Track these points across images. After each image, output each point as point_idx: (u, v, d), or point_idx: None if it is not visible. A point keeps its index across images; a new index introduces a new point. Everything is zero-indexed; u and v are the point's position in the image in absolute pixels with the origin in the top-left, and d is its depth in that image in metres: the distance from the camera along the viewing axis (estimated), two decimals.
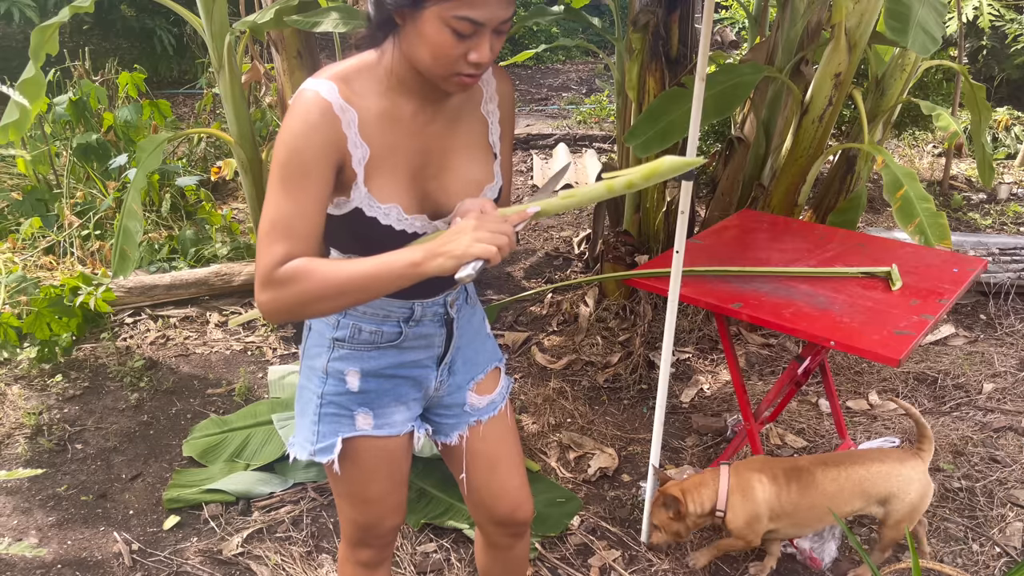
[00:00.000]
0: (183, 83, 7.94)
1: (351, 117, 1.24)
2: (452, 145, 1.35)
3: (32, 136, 5.05)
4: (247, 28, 3.04)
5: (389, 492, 1.51)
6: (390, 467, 1.49)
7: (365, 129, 1.25)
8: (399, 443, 1.48)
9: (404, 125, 1.30)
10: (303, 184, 1.21)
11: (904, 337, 1.92)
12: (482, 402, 1.57)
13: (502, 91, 1.43)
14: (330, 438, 1.44)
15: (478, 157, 1.38)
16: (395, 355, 1.43)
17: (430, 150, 1.33)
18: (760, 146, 3.61)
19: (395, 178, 1.29)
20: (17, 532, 2.47)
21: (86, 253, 4.19)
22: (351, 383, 1.42)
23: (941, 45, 2.92)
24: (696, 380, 3.28)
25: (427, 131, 1.32)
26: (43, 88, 3.04)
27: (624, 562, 2.33)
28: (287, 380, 3.18)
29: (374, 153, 1.26)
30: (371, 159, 1.26)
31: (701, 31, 1.92)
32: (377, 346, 1.42)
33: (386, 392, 1.45)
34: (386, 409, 1.45)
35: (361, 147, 1.25)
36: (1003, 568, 2.29)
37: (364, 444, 1.45)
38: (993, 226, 4.91)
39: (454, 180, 1.35)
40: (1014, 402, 3.09)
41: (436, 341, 1.47)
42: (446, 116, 1.35)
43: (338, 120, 1.22)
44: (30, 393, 3.18)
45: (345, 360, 1.42)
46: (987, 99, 3.62)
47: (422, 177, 1.32)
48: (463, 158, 1.36)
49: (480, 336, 1.58)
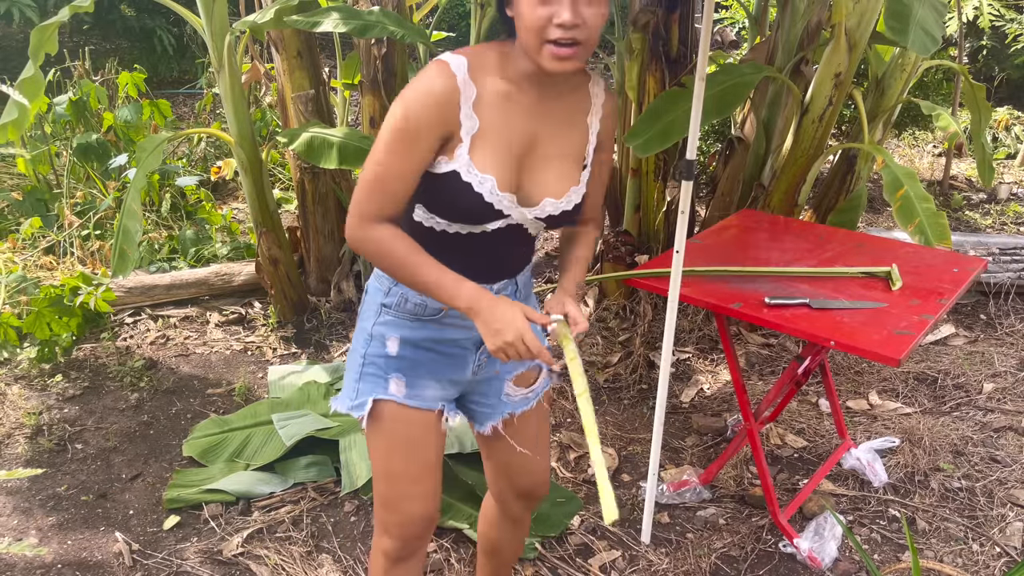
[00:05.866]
0: (183, 83, 7.93)
1: (470, 92, 1.34)
2: (556, 142, 1.44)
3: (32, 136, 5.04)
4: (247, 28, 3.04)
5: (412, 472, 1.54)
6: (413, 442, 1.53)
7: (480, 105, 1.35)
8: (426, 419, 1.53)
9: (521, 109, 1.39)
10: (411, 148, 1.33)
11: (904, 337, 1.92)
12: (518, 393, 1.62)
13: (608, 110, 1.50)
14: (364, 396, 1.53)
15: (572, 161, 1.46)
16: (435, 330, 1.51)
17: (538, 139, 1.41)
18: (760, 146, 3.61)
19: (497, 153, 1.37)
20: (17, 532, 2.47)
21: (86, 253, 4.19)
22: (391, 347, 1.51)
23: (941, 45, 2.92)
24: (696, 380, 3.28)
25: (542, 121, 1.41)
26: (42, 87, 3.03)
27: (624, 562, 2.33)
28: (287, 380, 3.18)
29: (483, 127, 1.36)
30: (479, 132, 1.36)
31: (701, 31, 1.92)
32: (419, 317, 1.50)
33: (421, 364, 1.52)
34: (419, 380, 1.52)
35: (472, 119, 1.35)
36: (1003, 568, 2.29)
37: (392, 411, 1.52)
38: (993, 226, 4.91)
39: (548, 175, 1.43)
40: (1014, 402, 3.09)
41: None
42: (560, 115, 1.44)
43: (457, 93, 1.32)
44: (30, 393, 3.18)
45: (388, 326, 1.51)
46: (987, 99, 3.62)
47: (524, 162, 1.41)
48: (560, 158, 1.44)
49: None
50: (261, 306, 3.85)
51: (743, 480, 2.67)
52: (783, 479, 2.69)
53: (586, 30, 1.27)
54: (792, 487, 2.65)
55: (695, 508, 2.55)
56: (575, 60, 1.30)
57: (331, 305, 3.79)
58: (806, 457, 2.80)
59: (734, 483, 2.66)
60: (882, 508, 2.55)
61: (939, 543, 2.40)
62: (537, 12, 1.26)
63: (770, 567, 2.32)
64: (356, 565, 2.32)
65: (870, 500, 2.58)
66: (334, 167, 3.01)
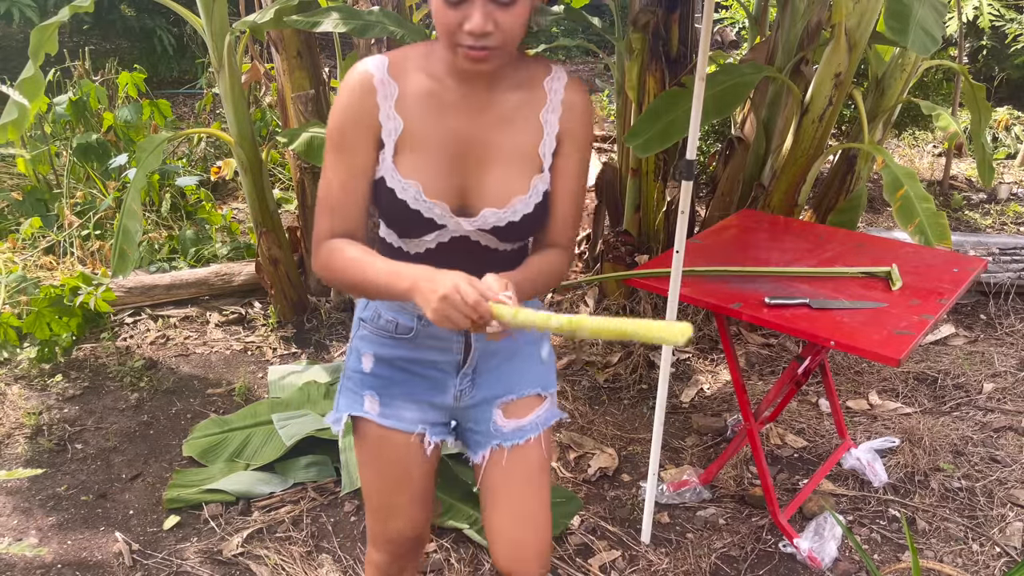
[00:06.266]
0: (183, 83, 7.92)
1: (390, 91, 1.27)
2: (498, 143, 1.31)
3: (32, 136, 5.04)
4: (247, 28, 3.04)
5: (391, 487, 1.50)
6: (392, 461, 1.48)
7: (403, 104, 1.27)
8: (404, 440, 1.46)
9: (449, 107, 1.29)
10: (342, 157, 1.28)
11: (904, 337, 1.92)
12: (508, 426, 1.48)
13: (570, 103, 1.33)
14: (341, 411, 1.49)
15: (518, 165, 1.31)
16: (409, 349, 1.43)
17: (473, 140, 1.30)
18: (760, 146, 3.61)
19: (424, 157, 1.28)
20: (17, 532, 2.47)
21: (86, 253, 4.19)
22: (365, 364, 1.46)
23: (941, 45, 2.91)
24: (696, 380, 3.28)
25: (476, 120, 1.30)
26: (42, 87, 3.03)
27: (624, 562, 2.33)
28: (287, 380, 3.18)
29: (408, 128, 1.28)
30: (404, 134, 1.28)
31: (701, 31, 1.92)
32: (392, 335, 1.43)
33: (397, 383, 1.45)
34: (394, 401, 1.45)
35: (394, 120, 1.27)
36: (1003, 568, 2.29)
37: (369, 429, 1.47)
38: (993, 226, 4.91)
39: (489, 181, 1.30)
40: (1014, 402, 3.09)
41: (453, 347, 1.43)
42: (499, 112, 1.31)
43: (374, 92, 1.26)
44: (30, 393, 3.18)
45: (364, 341, 1.46)
46: (987, 99, 3.62)
47: (461, 167, 1.30)
48: (503, 161, 1.31)
49: (523, 357, 1.51)
50: (261, 306, 3.85)
51: (743, 480, 2.67)
52: (783, 479, 2.69)
53: (500, 35, 1.17)
54: (792, 487, 2.65)
55: (695, 508, 2.55)
56: (491, 61, 1.20)
57: (331, 305, 3.79)
58: (806, 457, 2.80)
59: (734, 483, 2.66)
60: (882, 508, 2.55)
61: (939, 543, 2.40)
62: (447, 16, 1.16)
63: (770, 567, 2.32)
64: (356, 565, 2.32)
65: (870, 500, 2.58)
66: None
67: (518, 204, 1.31)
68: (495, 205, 1.30)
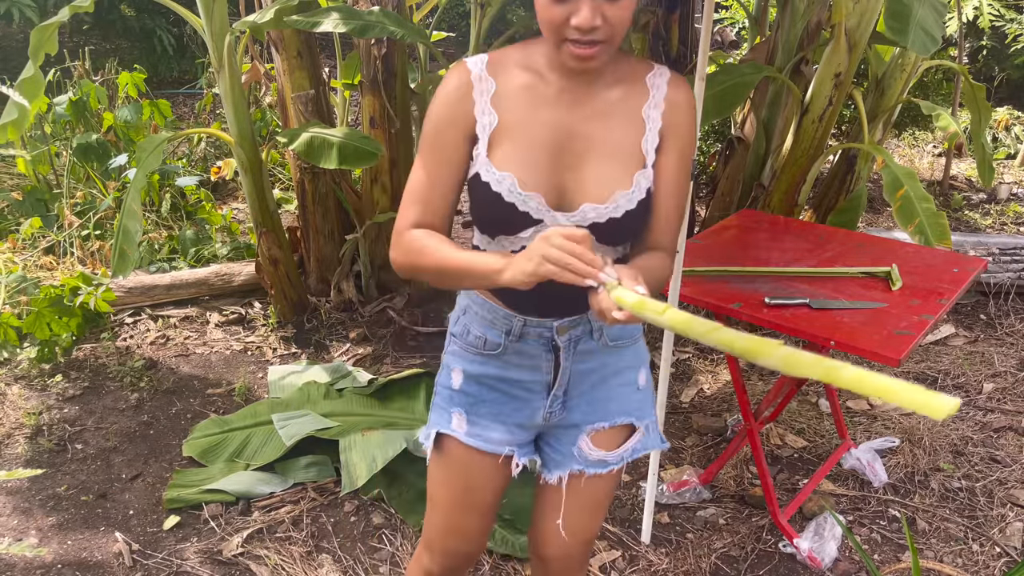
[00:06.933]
0: (183, 83, 7.92)
1: (487, 87, 1.27)
2: (598, 137, 1.27)
3: (32, 136, 5.04)
4: (247, 28, 3.04)
5: (462, 509, 1.47)
6: (470, 484, 1.45)
7: (499, 99, 1.27)
8: (488, 463, 1.43)
9: (546, 100, 1.27)
10: (434, 154, 1.29)
11: (904, 337, 1.92)
12: (594, 455, 1.44)
13: (673, 100, 1.30)
14: (432, 427, 1.46)
15: (620, 159, 1.28)
16: (498, 367, 1.40)
17: (573, 133, 1.27)
18: (760, 146, 3.61)
19: (520, 149, 1.26)
20: (17, 532, 2.47)
21: (86, 253, 4.19)
22: (455, 380, 1.44)
23: (941, 45, 2.92)
24: (696, 380, 3.28)
25: (573, 112, 1.27)
26: (42, 87, 3.03)
27: (624, 562, 2.33)
28: (287, 380, 3.18)
29: (503, 122, 1.27)
30: (498, 128, 1.27)
31: (701, 31, 1.92)
32: (481, 352, 1.40)
33: (485, 402, 1.42)
34: (482, 420, 1.42)
35: (489, 115, 1.27)
36: (1003, 568, 2.29)
37: (452, 445, 1.44)
38: (993, 226, 4.91)
39: (588, 175, 1.27)
40: (1014, 402, 3.09)
41: (543, 366, 1.40)
42: (599, 106, 1.28)
43: (471, 88, 1.27)
44: (30, 393, 3.18)
45: (454, 356, 1.45)
46: (987, 99, 3.62)
47: (558, 160, 1.27)
48: (604, 155, 1.27)
49: (619, 383, 1.45)
50: (261, 306, 3.85)
51: (743, 480, 2.67)
52: (783, 479, 2.69)
53: (608, 29, 1.15)
54: (792, 487, 2.65)
55: (695, 508, 2.55)
56: (599, 58, 1.18)
57: (331, 305, 3.79)
58: (806, 457, 2.80)
59: (734, 483, 2.66)
60: (882, 508, 2.55)
61: (939, 543, 2.40)
62: (553, 11, 1.15)
63: (770, 567, 2.32)
64: (356, 565, 2.32)
65: (870, 500, 2.58)
66: (334, 167, 3.01)
67: (620, 200, 1.26)
68: (595, 200, 1.26)
